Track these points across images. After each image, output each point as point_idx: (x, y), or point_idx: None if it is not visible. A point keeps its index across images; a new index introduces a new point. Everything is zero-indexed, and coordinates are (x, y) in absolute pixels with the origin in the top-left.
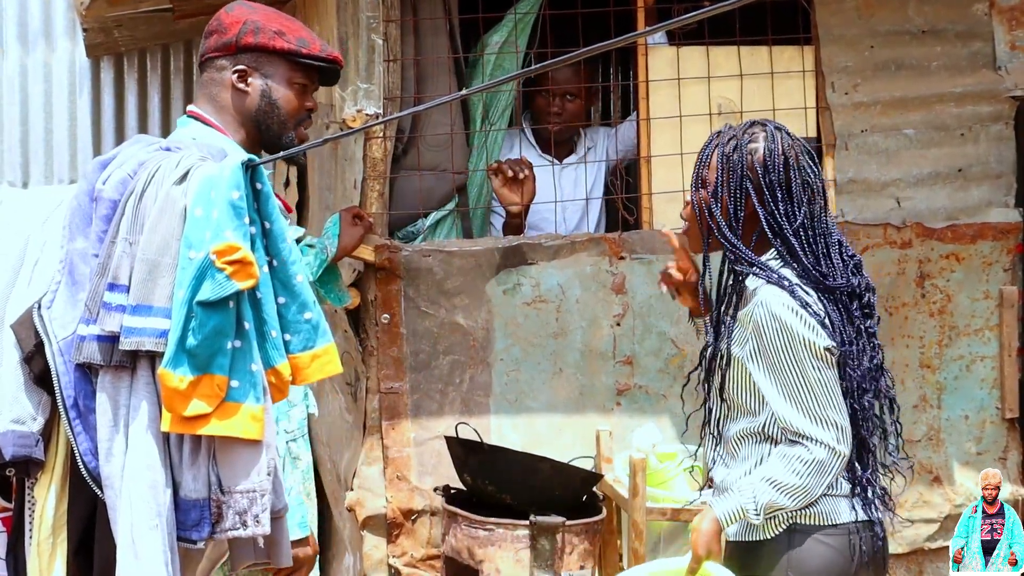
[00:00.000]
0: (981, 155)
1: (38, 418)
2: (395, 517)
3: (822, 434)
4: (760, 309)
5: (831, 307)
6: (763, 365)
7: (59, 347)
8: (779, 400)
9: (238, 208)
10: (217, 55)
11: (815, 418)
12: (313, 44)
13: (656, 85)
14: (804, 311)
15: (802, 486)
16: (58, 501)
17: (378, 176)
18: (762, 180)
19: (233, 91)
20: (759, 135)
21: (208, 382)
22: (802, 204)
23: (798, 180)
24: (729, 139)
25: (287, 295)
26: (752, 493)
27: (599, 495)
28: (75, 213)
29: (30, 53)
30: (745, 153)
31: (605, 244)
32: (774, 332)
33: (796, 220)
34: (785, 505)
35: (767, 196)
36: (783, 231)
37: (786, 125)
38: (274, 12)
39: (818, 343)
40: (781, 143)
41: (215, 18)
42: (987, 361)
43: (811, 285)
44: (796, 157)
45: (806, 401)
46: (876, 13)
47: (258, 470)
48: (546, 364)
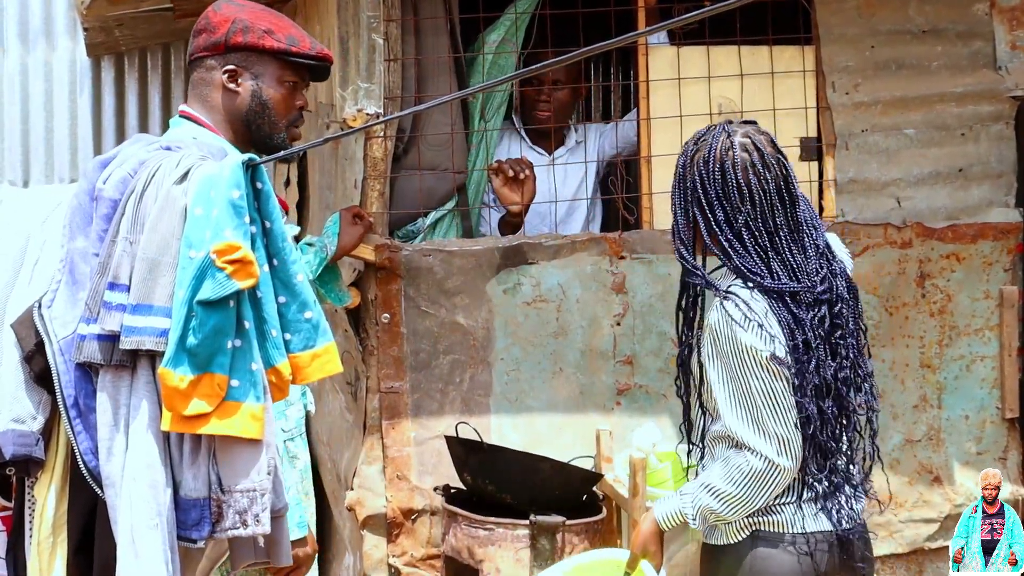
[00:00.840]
0: (982, 155)
1: (38, 417)
2: (395, 516)
3: (762, 445)
4: (715, 314)
5: (784, 314)
6: (715, 370)
7: (59, 346)
8: (726, 406)
9: (238, 207)
10: (206, 55)
11: (756, 428)
12: (303, 42)
13: (656, 85)
14: (751, 319)
15: (738, 495)
16: (58, 500)
17: (378, 175)
18: (699, 186)
19: (223, 91)
20: (706, 141)
21: (208, 381)
22: (740, 208)
23: (733, 183)
24: (683, 149)
25: (287, 294)
26: (692, 498)
27: (599, 495)
28: (75, 212)
29: (31, 52)
30: (688, 161)
31: (605, 244)
32: (724, 338)
33: (736, 224)
34: (721, 512)
35: (703, 201)
36: (720, 236)
37: (759, 123)
38: (262, 9)
39: (763, 352)
40: (720, 147)
41: (203, 16)
42: (987, 361)
43: (760, 291)
44: (734, 159)
45: (749, 410)
46: (877, 13)
47: (258, 469)
48: (546, 364)
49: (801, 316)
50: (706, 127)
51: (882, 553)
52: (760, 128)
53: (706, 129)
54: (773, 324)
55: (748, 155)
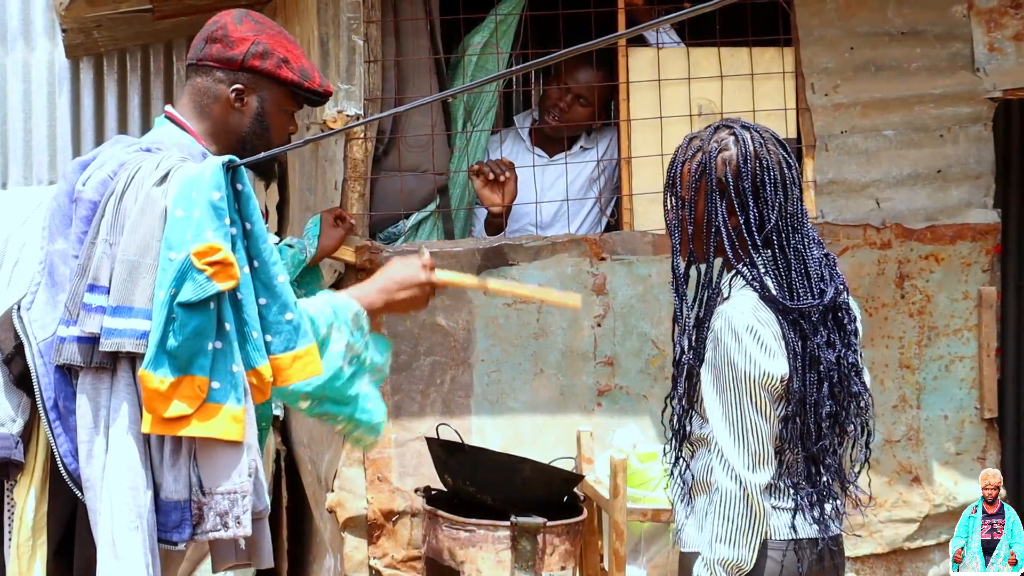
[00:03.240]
0: (960, 156)
1: (18, 420)
2: (376, 518)
3: (736, 459)
4: (719, 321)
5: (789, 327)
6: (710, 375)
7: (39, 349)
8: (714, 413)
9: (219, 209)
10: (216, 66)
11: (736, 440)
12: (314, 77)
13: (636, 86)
14: (756, 330)
15: (738, 524)
16: (38, 503)
17: (359, 177)
18: (733, 187)
19: (227, 107)
20: (728, 140)
21: (189, 383)
22: (774, 208)
23: (771, 182)
24: (696, 151)
25: (268, 296)
26: (703, 563)
27: (580, 496)
28: (55, 214)
29: (9, 53)
30: (711, 160)
31: (586, 245)
32: (724, 346)
33: (767, 226)
34: (737, 552)
35: (736, 204)
36: (751, 244)
37: (757, 123)
38: (279, 33)
39: (762, 366)
40: (752, 144)
41: (220, 26)
42: (966, 361)
43: (771, 305)
44: (768, 156)
45: (735, 421)
46: (856, 14)
47: (239, 471)
48: (527, 365)
49: (807, 330)
50: (709, 127)
51: (862, 553)
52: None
53: (713, 129)
54: (777, 337)
55: (779, 152)
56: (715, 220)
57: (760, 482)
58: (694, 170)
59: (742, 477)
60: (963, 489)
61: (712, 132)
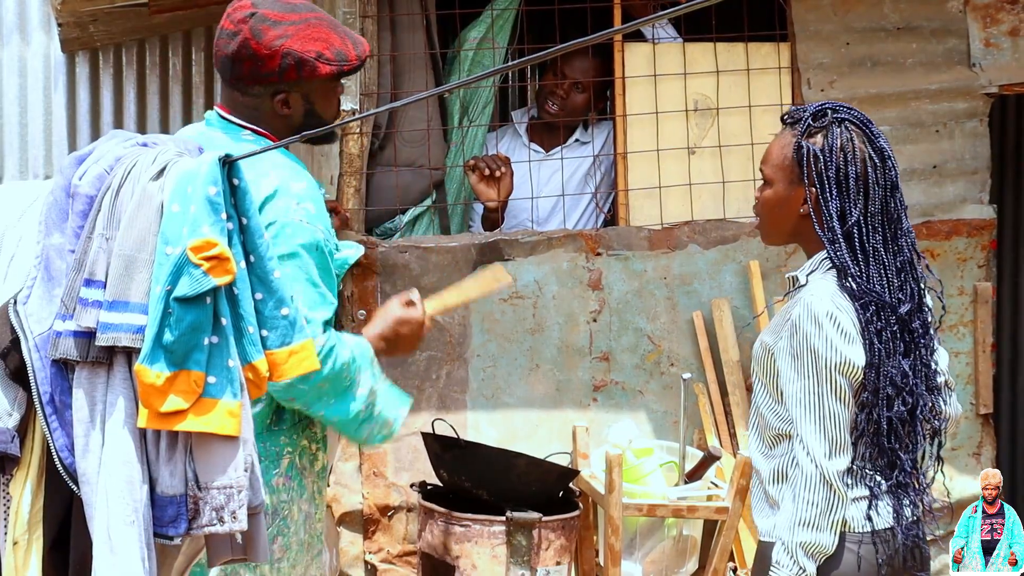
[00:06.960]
0: (956, 151)
1: (14, 414)
2: (371, 513)
3: (815, 445)
4: (799, 308)
5: (868, 320)
6: (787, 362)
7: (35, 343)
8: (793, 400)
9: (215, 203)
10: (252, 84)
11: (816, 427)
12: (350, 53)
13: (633, 81)
14: (836, 319)
15: (819, 506)
16: (34, 498)
17: (354, 172)
18: (820, 173)
19: (273, 113)
20: (818, 127)
21: (185, 378)
22: (856, 203)
23: (853, 175)
24: (792, 133)
25: (264, 291)
26: (783, 547)
27: (575, 491)
28: (51, 208)
29: (4, 47)
30: (799, 142)
31: (582, 240)
32: (803, 333)
33: (851, 219)
34: (818, 536)
35: (820, 192)
36: (829, 236)
37: (860, 113)
38: (304, 24)
39: (841, 353)
40: (841, 137)
41: (244, 44)
42: (962, 357)
43: (848, 294)
44: (854, 151)
45: (814, 408)
46: (852, 9)
47: (235, 466)
48: (523, 360)
49: (882, 324)
50: (803, 107)
51: None
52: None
53: (802, 110)
54: (855, 325)
55: (867, 149)
56: (799, 206)
57: (839, 468)
58: (781, 151)
59: (821, 463)
60: (958, 485)
61: (814, 113)
